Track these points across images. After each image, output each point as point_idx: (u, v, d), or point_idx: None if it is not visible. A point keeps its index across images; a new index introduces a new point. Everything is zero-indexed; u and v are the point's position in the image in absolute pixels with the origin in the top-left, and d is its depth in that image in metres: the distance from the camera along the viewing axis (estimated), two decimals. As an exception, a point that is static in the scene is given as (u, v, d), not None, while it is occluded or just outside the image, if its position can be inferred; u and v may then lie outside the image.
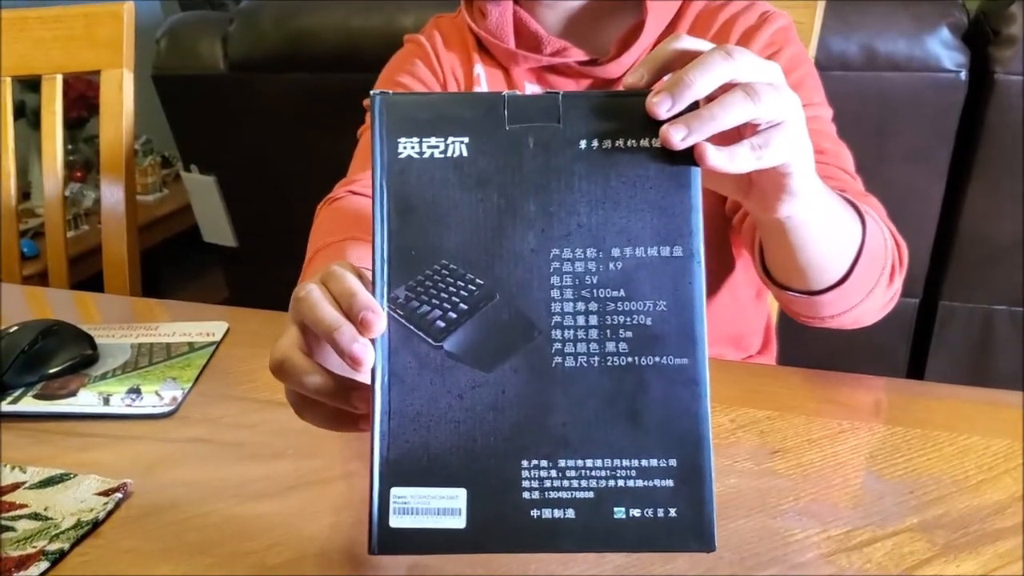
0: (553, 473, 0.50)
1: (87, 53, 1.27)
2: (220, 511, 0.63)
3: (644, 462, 0.50)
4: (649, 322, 0.51)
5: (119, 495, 0.65)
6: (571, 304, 0.51)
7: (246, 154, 2.04)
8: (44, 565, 0.58)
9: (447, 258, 0.52)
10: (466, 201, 0.52)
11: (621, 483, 0.50)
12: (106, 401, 0.78)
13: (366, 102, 1.03)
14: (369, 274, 0.53)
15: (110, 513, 0.63)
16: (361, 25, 1.76)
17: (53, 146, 1.29)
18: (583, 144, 0.52)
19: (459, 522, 0.50)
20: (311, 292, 0.53)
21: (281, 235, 2.13)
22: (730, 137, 0.54)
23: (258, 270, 2.20)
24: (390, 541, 0.50)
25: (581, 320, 0.51)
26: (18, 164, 1.32)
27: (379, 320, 0.51)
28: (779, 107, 0.53)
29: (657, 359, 0.50)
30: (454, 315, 0.51)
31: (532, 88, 0.97)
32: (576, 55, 0.94)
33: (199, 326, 0.93)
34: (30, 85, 2.22)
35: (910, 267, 0.86)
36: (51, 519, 0.62)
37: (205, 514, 0.63)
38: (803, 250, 0.71)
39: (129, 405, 0.78)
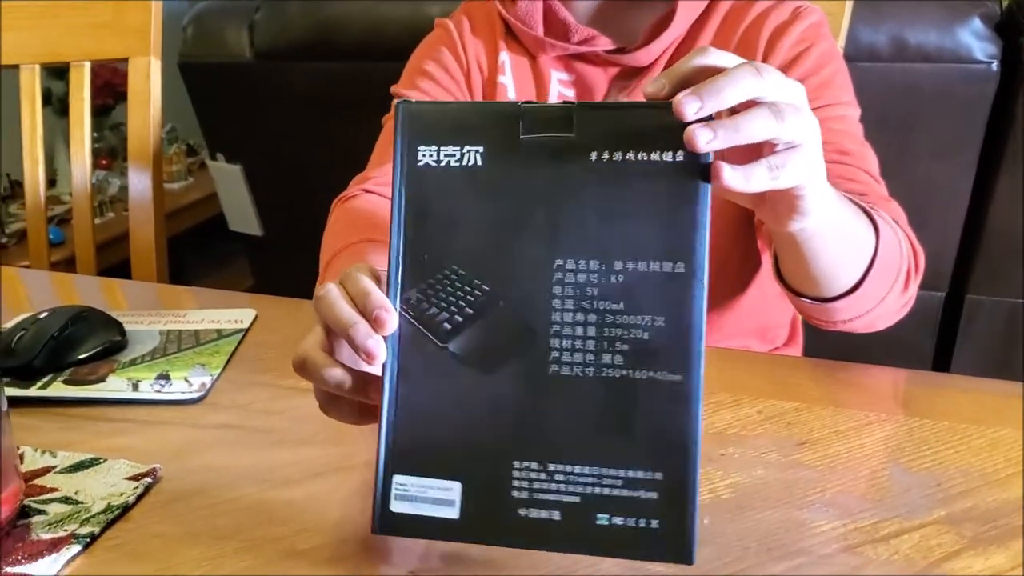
0: (542, 476, 0.52)
1: (115, 40, 1.28)
2: (249, 496, 0.64)
3: (631, 473, 0.51)
4: (646, 336, 0.51)
5: (149, 480, 0.65)
6: (571, 314, 0.52)
7: (272, 142, 2.04)
8: (75, 548, 0.58)
9: (456, 264, 0.53)
10: (478, 210, 0.53)
11: (607, 491, 0.51)
12: (135, 387, 0.79)
13: (394, 88, 1.04)
14: (385, 275, 0.55)
15: (140, 497, 0.64)
16: (387, 14, 1.76)
17: (81, 133, 1.30)
18: (594, 156, 0.52)
19: (453, 512, 0.53)
20: (329, 292, 0.56)
21: (306, 224, 2.13)
22: (745, 156, 0.54)
23: (283, 258, 2.21)
24: (390, 524, 0.53)
25: (580, 331, 0.52)
26: (45, 151, 1.33)
27: (391, 318, 0.53)
28: (800, 129, 0.53)
29: (651, 374, 0.51)
30: (460, 318, 0.53)
31: (559, 75, 0.97)
32: (604, 44, 0.94)
33: (227, 313, 0.93)
34: (56, 72, 2.24)
35: (937, 261, 0.86)
36: (82, 503, 0.63)
37: (234, 499, 0.64)
38: (814, 260, 0.71)
39: (158, 391, 0.78)
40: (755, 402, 0.75)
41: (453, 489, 0.53)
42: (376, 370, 0.54)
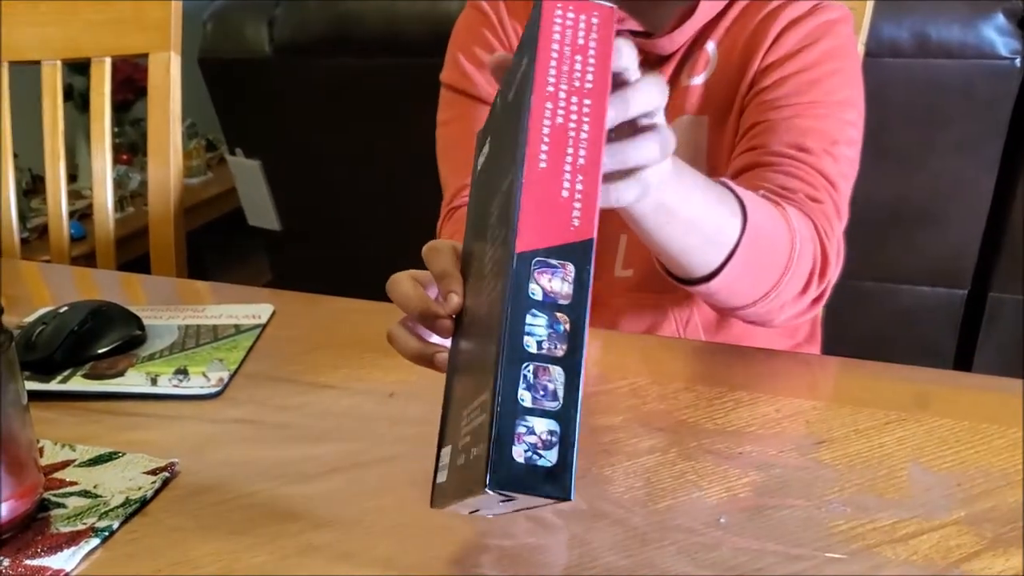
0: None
1: (136, 36, 1.28)
2: (265, 491, 0.64)
3: (479, 400, 0.48)
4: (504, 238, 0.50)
5: (167, 474, 0.66)
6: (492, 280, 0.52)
7: (291, 138, 2.05)
8: (94, 542, 0.59)
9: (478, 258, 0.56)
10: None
11: (471, 422, 0.49)
12: (154, 381, 0.79)
13: (444, 77, 1.03)
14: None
15: (158, 492, 0.64)
16: (405, 9, 1.76)
17: (101, 128, 1.30)
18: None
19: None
20: (402, 281, 0.61)
21: (325, 219, 2.15)
22: None
23: (302, 254, 2.22)
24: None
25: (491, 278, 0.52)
26: (66, 147, 1.34)
27: (459, 301, 0.55)
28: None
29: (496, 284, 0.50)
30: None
31: None
32: (633, 26, 0.95)
33: (245, 308, 0.94)
34: (77, 68, 2.25)
35: (958, 258, 0.86)
36: (100, 497, 0.63)
37: (250, 494, 0.64)
38: (652, 239, 0.71)
39: (176, 386, 0.79)
40: (773, 400, 0.74)
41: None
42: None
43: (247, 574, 0.56)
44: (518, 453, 0.44)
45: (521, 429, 0.44)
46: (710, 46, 0.95)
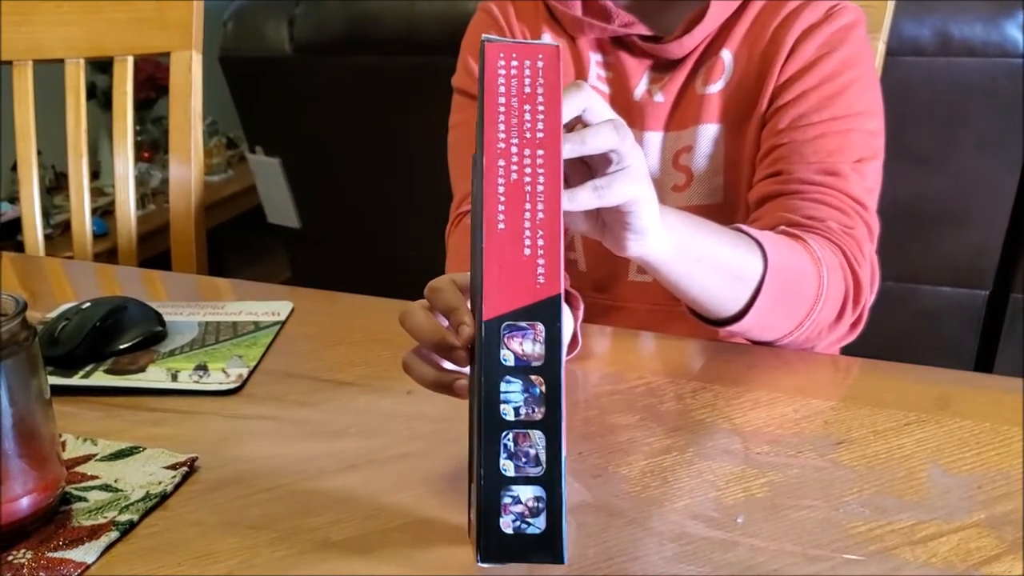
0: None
1: (158, 35, 1.29)
2: (284, 487, 0.64)
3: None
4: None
5: (187, 469, 0.66)
6: None
7: (310, 136, 2.06)
8: (114, 535, 0.59)
9: None
10: None
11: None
12: (174, 377, 0.80)
13: (455, 82, 1.03)
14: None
15: (178, 486, 0.65)
16: (425, 8, 1.77)
17: (124, 126, 1.31)
18: None
19: None
20: (415, 312, 0.59)
21: (344, 217, 2.15)
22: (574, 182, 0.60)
23: (321, 251, 2.23)
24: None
25: None
26: (89, 144, 1.35)
27: (471, 332, 0.53)
28: (632, 149, 0.60)
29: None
30: None
31: (597, 57, 0.97)
32: (642, 30, 0.94)
33: (265, 305, 0.94)
34: (100, 67, 2.26)
35: (980, 259, 0.85)
36: (121, 491, 0.64)
37: (269, 489, 0.64)
38: (674, 285, 0.75)
39: (196, 381, 0.79)
40: (791, 400, 0.74)
41: None
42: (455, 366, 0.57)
43: (266, 569, 0.56)
44: (506, 524, 0.45)
45: (507, 500, 0.45)
46: (726, 54, 0.94)
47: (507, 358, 0.46)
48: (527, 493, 0.45)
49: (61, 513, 0.62)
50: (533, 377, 0.46)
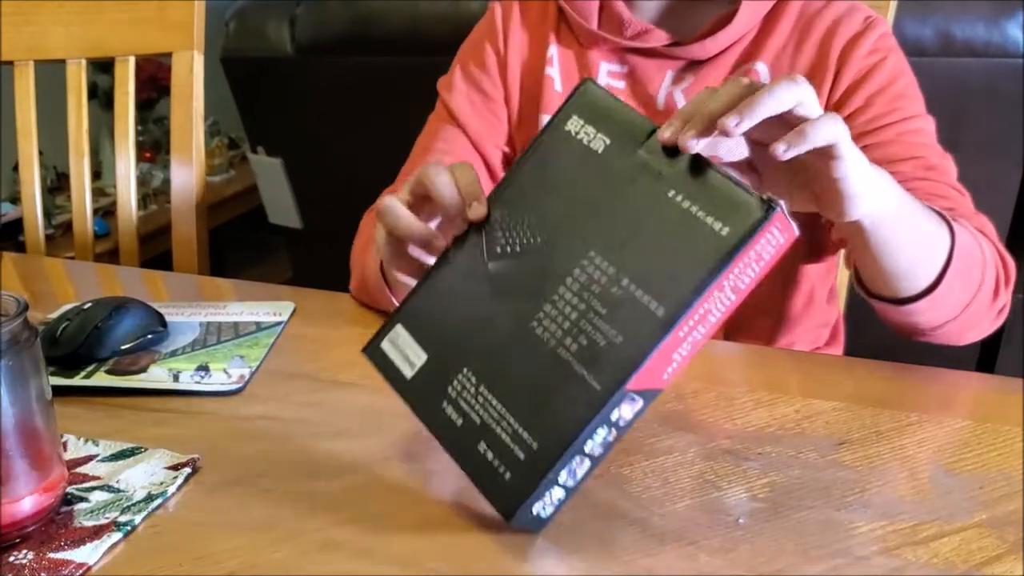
0: (471, 390, 0.61)
1: (159, 35, 1.29)
2: (286, 487, 0.65)
3: (520, 429, 0.58)
4: (602, 344, 0.57)
5: (188, 469, 0.66)
6: (571, 295, 0.59)
7: (312, 136, 2.06)
8: (116, 536, 0.59)
9: (535, 217, 0.63)
10: (570, 184, 0.63)
11: (498, 430, 0.59)
12: (176, 378, 0.80)
13: (440, 86, 1.04)
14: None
15: (179, 487, 0.65)
16: (427, 8, 1.77)
17: (125, 126, 1.31)
18: (671, 193, 0.58)
19: (409, 372, 0.65)
20: (442, 172, 0.66)
21: (346, 217, 2.15)
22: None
23: (323, 251, 2.22)
24: (373, 356, 0.68)
25: (568, 311, 0.59)
26: (90, 144, 1.35)
27: (483, 211, 0.65)
28: (814, 101, 0.61)
29: (584, 373, 0.57)
30: (510, 250, 0.63)
31: (610, 67, 0.96)
32: (658, 39, 0.94)
33: (266, 306, 0.94)
34: (101, 67, 2.26)
35: None
36: (123, 491, 0.64)
37: (271, 490, 0.64)
38: (884, 255, 0.73)
39: (198, 382, 0.79)
40: (793, 401, 0.74)
41: (420, 357, 0.65)
42: (441, 243, 0.66)
43: (268, 569, 0.57)
44: (537, 509, 0.58)
45: (548, 494, 0.57)
46: (761, 67, 0.93)
47: (614, 416, 0.56)
48: (557, 495, 0.58)
49: (62, 514, 0.62)
50: (614, 430, 0.57)
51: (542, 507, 0.57)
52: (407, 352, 0.66)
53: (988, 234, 0.85)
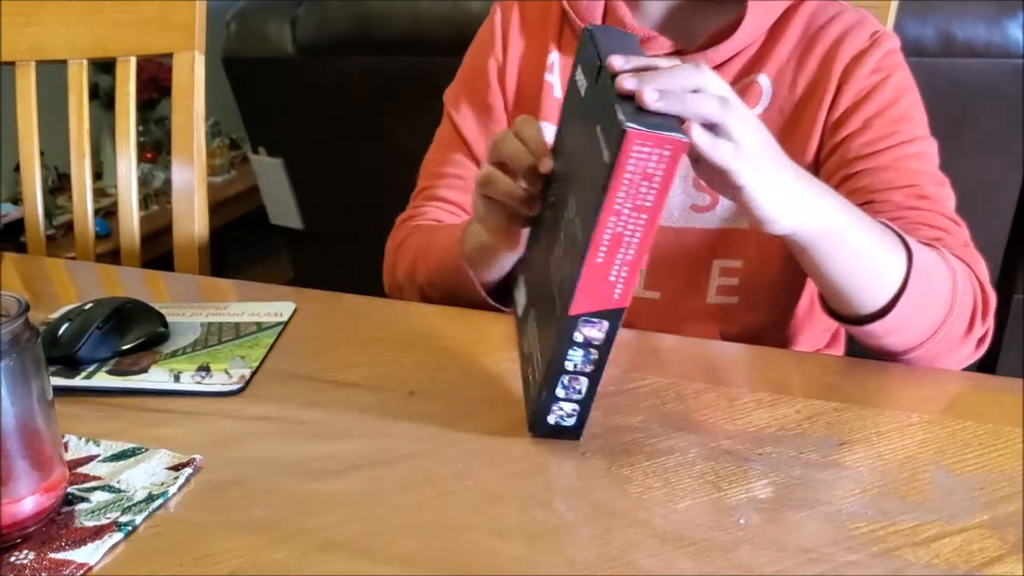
0: (531, 324, 0.75)
1: (161, 36, 1.29)
2: (287, 487, 0.65)
3: (539, 356, 0.70)
4: (566, 275, 0.64)
5: (189, 470, 0.66)
6: (563, 237, 0.67)
7: (313, 137, 2.06)
8: (117, 536, 0.59)
9: (558, 168, 0.72)
10: (571, 132, 0.72)
11: (534, 357, 0.71)
12: (176, 378, 0.80)
13: (446, 96, 1.04)
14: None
15: (180, 487, 0.65)
16: (428, 8, 1.77)
17: (126, 127, 1.31)
18: (597, 129, 0.63)
19: (519, 312, 0.81)
20: (508, 135, 0.75)
21: (347, 217, 2.15)
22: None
23: (324, 252, 2.23)
24: (512, 298, 0.83)
25: (560, 252, 0.67)
26: (91, 145, 1.35)
27: (550, 163, 0.73)
28: (740, 125, 0.65)
29: (557, 304, 0.66)
30: (550, 201, 0.73)
31: None
32: (661, 46, 0.93)
33: (267, 306, 0.94)
34: (103, 67, 2.27)
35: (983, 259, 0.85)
36: (124, 492, 0.64)
37: (272, 490, 0.64)
38: (826, 271, 0.76)
39: (199, 382, 0.79)
40: (794, 401, 0.74)
41: (522, 302, 0.79)
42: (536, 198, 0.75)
43: (268, 570, 0.57)
44: (552, 419, 0.68)
45: (556, 407, 0.68)
46: (763, 79, 0.93)
47: (578, 337, 0.64)
48: (569, 407, 0.67)
49: (63, 514, 0.62)
50: (591, 350, 0.65)
51: (559, 418, 0.68)
52: (518, 296, 0.80)
53: (972, 265, 0.84)
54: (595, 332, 0.63)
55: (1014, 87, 1.56)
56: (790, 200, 0.70)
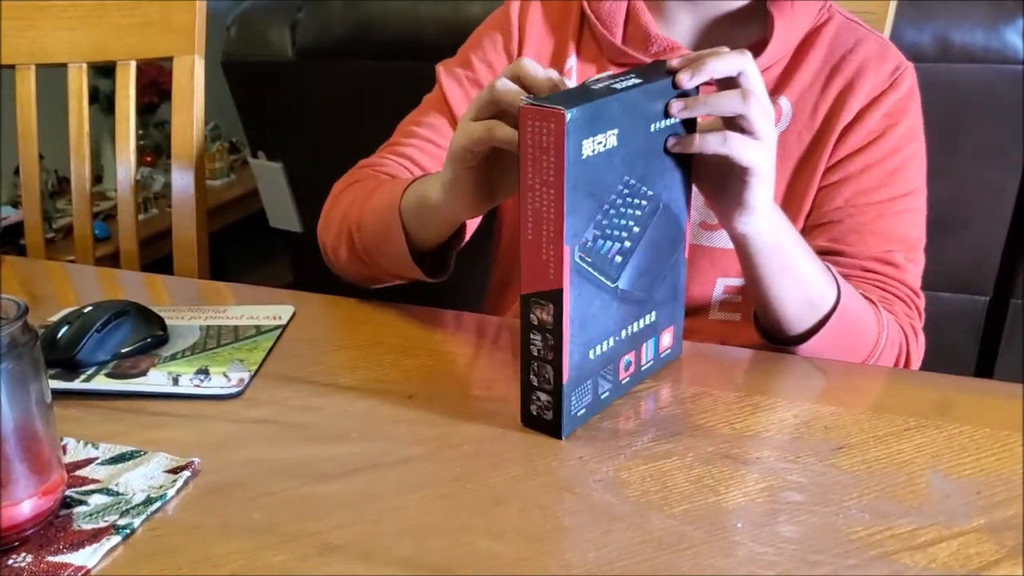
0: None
1: (161, 39, 1.30)
2: (285, 491, 0.65)
3: None
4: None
5: (188, 473, 0.66)
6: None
7: (313, 141, 2.06)
8: (115, 539, 0.59)
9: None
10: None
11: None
12: (175, 381, 0.80)
13: (439, 67, 1.03)
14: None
15: (179, 490, 0.65)
16: (428, 12, 1.77)
17: (126, 130, 1.31)
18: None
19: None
20: (502, 81, 0.70)
21: (345, 221, 2.15)
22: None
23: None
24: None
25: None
26: (91, 148, 1.35)
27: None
28: (761, 120, 0.69)
29: None
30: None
31: None
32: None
33: (266, 309, 0.94)
34: (103, 71, 2.27)
35: (981, 264, 0.87)
36: (122, 495, 0.64)
37: (271, 493, 0.64)
38: (759, 279, 0.79)
39: (197, 385, 0.79)
40: (791, 405, 0.74)
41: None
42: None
43: (267, 573, 0.57)
44: (533, 409, 0.70)
45: (534, 396, 0.70)
46: (784, 102, 0.92)
47: (533, 319, 0.67)
48: (544, 398, 0.69)
49: (62, 517, 0.62)
50: (547, 335, 0.67)
51: (539, 409, 0.70)
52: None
53: (909, 336, 0.88)
54: (544, 315, 0.66)
55: (1012, 93, 1.56)
56: (770, 206, 0.74)
